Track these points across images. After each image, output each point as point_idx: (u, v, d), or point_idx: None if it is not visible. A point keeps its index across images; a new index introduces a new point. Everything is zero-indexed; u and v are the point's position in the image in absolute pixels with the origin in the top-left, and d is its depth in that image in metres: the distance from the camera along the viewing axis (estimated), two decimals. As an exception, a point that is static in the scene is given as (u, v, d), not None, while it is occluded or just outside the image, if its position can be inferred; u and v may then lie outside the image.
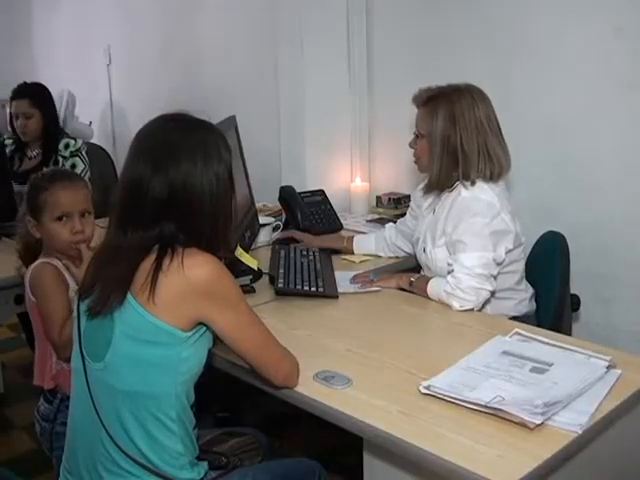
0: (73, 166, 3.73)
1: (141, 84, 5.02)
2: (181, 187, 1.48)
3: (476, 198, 2.20)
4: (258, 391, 1.72)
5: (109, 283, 1.48)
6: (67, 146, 3.74)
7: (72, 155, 3.72)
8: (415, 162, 2.38)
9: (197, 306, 1.47)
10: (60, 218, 1.97)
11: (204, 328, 1.52)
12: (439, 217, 2.31)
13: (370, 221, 3.17)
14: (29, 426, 3.13)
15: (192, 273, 1.45)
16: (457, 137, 2.21)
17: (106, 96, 5.21)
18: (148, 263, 1.46)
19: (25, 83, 3.74)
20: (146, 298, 1.44)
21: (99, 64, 5.35)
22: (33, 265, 1.99)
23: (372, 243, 2.69)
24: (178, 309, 1.46)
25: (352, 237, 2.74)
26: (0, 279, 2.62)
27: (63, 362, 1.95)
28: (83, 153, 3.72)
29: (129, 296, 1.45)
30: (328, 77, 3.37)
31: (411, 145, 2.36)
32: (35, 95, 3.69)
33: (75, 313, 1.59)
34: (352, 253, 2.69)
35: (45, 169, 3.25)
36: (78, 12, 5.67)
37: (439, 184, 2.30)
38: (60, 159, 3.69)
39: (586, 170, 2.73)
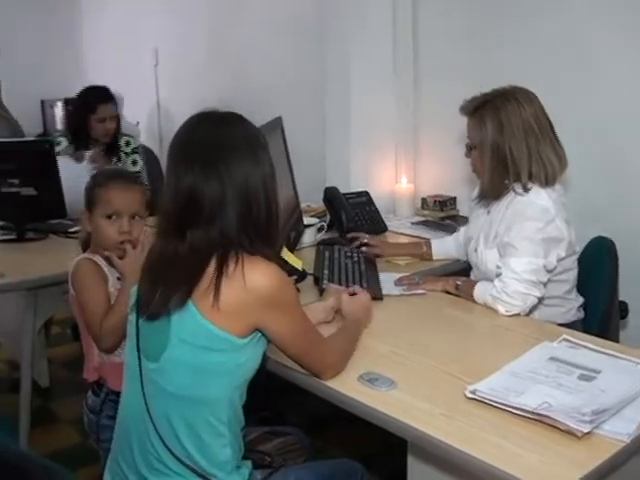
0: (134, 162, 3.82)
1: (188, 85, 5.07)
2: (235, 186, 1.49)
3: (531, 202, 2.17)
4: (299, 391, 1.73)
5: (170, 287, 1.48)
6: (128, 143, 3.83)
7: (133, 152, 3.81)
8: (473, 171, 2.37)
9: (256, 314, 1.49)
10: (110, 216, 2.00)
11: (259, 334, 1.54)
12: (494, 218, 2.29)
13: (415, 223, 3.16)
14: (74, 420, 3.20)
15: (254, 282, 1.46)
16: (506, 144, 2.18)
17: (153, 97, 5.27)
18: (210, 269, 1.46)
19: (104, 87, 3.77)
20: (206, 305, 1.45)
21: (146, 65, 5.42)
22: (75, 260, 2.03)
23: (452, 247, 2.64)
24: (237, 317, 1.47)
25: (429, 242, 2.70)
26: (50, 275, 2.68)
27: (104, 355, 1.99)
28: (140, 151, 3.81)
29: (189, 302, 1.46)
30: (374, 77, 3.36)
31: (466, 156, 2.35)
32: (114, 97, 3.77)
33: (130, 310, 1.61)
34: (431, 259, 2.65)
35: (108, 167, 3.33)
36: (126, 13, 5.75)
37: (492, 192, 2.28)
38: (122, 155, 3.76)
39: (634, 173, 2.68)
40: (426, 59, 3.40)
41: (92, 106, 3.65)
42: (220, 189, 1.48)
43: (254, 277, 1.46)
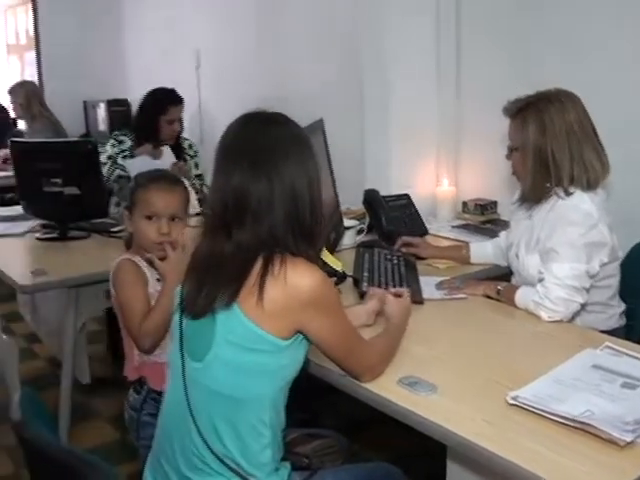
0: (197, 165, 3.84)
1: (229, 86, 5.10)
2: (283, 186, 1.50)
3: (574, 207, 2.15)
4: (335, 392, 1.73)
5: (217, 286, 1.49)
6: (190, 146, 3.86)
7: (195, 154, 3.84)
8: (513, 174, 2.35)
9: (299, 316, 1.49)
10: (149, 217, 2.02)
11: (301, 335, 1.54)
12: (536, 223, 2.27)
13: (455, 227, 3.14)
14: (114, 417, 3.25)
15: (296, 283, 1.47)
16: (548, 147, 2.17)
17: (195, 99, 5.30)
18: (255, 269, 1.47)
19: (173, 89, 3.79)
20: (250, 306, 1.46)
21: (188, 67, 5.46)
22: (116, 261, 2.05)
23: (490, 252, 2.62)
24: (281, 319, 1.48)
25: (468, 246, 2.68)
26: (92, 274, 2.73)
27: (144, 355, 2.00)
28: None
29: (234, 303, 1.47)
30: (415, 78, 3.35)
31: (507, 158, 2.33)
32: (183, 100, 3.79)
33: (175, 310, 1.62)
34: (469, 263, 2.64)
35: (155, 169, 3.35)
36: (168, 15, 5.81)
37: (533, 196, 2.27)
38: (187, 158, 3.79)
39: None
40: (468, 60, 3.38)
41: (163, 107, 3.66)
42: (269, 188, 1.49)
43: (297, 278, 1.47)
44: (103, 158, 3.58)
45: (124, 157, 3.63)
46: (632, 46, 2.73)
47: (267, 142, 1.53)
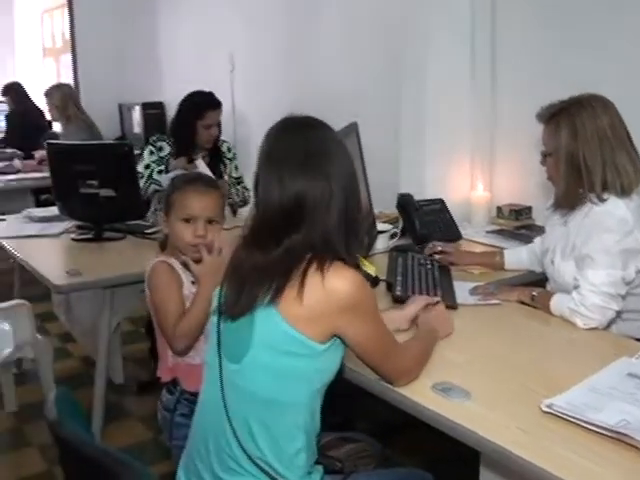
0: (236, 168, 3.85)
1: (263, 90, 5.12)
2: (338, 188, 1.51)
3: (609, 213, 2.12)
4: (367, 396, 1.73)
5: (259, 285, 1.50)
6: (229, 149, 3.86)
7: (234, 157, 3.85)
8: (548, 179, 2.33)
9: (337, 320, 1.49)
10: (186, 220, 2.02)
11: (338, 340, 1.54)
12: (571, 230, 2.25)
13: (490, 232, 3.11)
14: (146, 417, 3.27)
15: (335, 288, 1.47)
16: (580, 152, 2.15)
17: (228, 102, 5.32)
18: (297, 273, 1.48)
19: (210, 92, 3.76)
20: (289, 309, 1.47)
21: (222, 70, 5.49)
22: (151, 262, 2.07)
23: (525, 258, 2.60)
24: (318, 322, 1.48)
25: (502, 252, 2.66)
26: (126, 275, 2.75)
27: (178, 356, 2.01)
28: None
29: (272, 306, 1.48)
30: (450, 83, 3.34)
31: (542, 163, 2.31)
32: (221, 104, 3.77)
33: (213, 312, 1.63)
34: (503, 269, 2.61)
35: (191, 171, 3.36)
36: (202, 19, 5.85)
37: (567, 201, 2.25)
38: (227, 162, 3.80)
39: None
40: (504, 65, 3.36)
41: (200, 112, 3.62)
42: (322, 192, 1.50)
43: (335, 282, 1.47)
44: (140, 167, 3.58)
45: (159, 171, 3.62)
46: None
47: (314, 146, 1.55)
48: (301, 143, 1.55)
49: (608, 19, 2.90)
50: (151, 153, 3.66)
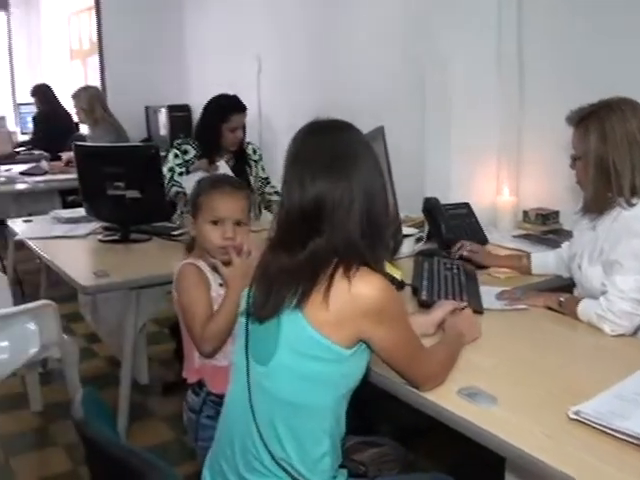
0: (263, 169, 3.86)
1: (289, 92, 5.13)
2: (360, 192, 1.51)
3: (638, 218, 2.10)
4: (390, 400, 1.72)
5: (287, 288, 1.50)
6: (255, 151, 3.86)
7: (260, 158, 3.86)
8: (577, 183, 2.31)
9: (363, 326, 1.49)
10: (214, 222, 2.03)
11: (364, 344, 1.54)
12: (599, 234, 2.22)
13: (516, 237, 3.09)
14: (170, 417, 3.28)
15: (362, 293, 1.47)
16: (609, 156, 2.13)
17: (255, 104, 5.34)
18: (324, 277, 1.47)
19: (235, 96, 3.78)
20: (315, 314, 1.47)
21: (249, 72, 5.51)
22: (179, 264, 2.07)
23: (552, 262, 2.57)
24: (344, 328, 1.48)
25: (529, 255, 2.64)
26: (152, 276, 2.77)
27: (205, 358, 2.01)
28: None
29: (299, 310, 1.48)
30: (476, 86, 3.32)
31: (571, 167, 2.29)
32: (245, 107, 3.78)
33: (243, 308, 1.63)
34: (529, 273, 2.59)
35: (216, 173, 3.37)
36: (229, 21, 5.87)
37: (595, 206, 2.23)
38: (252, 164, 3.81)
39: None
40: (531, 68, 3.33)
41: (226, 115, 3.64)
42: (347, 194, 1.50)
43: (362, 287, 1.47)
44: (164, 169, 3.60)
45: (180, 173, 3.64)
46: None
47: (340, 148, 1.54)
48: (327, 145, 1.55)
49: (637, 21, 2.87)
50: (176, 156, 3.68)
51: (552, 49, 3.24)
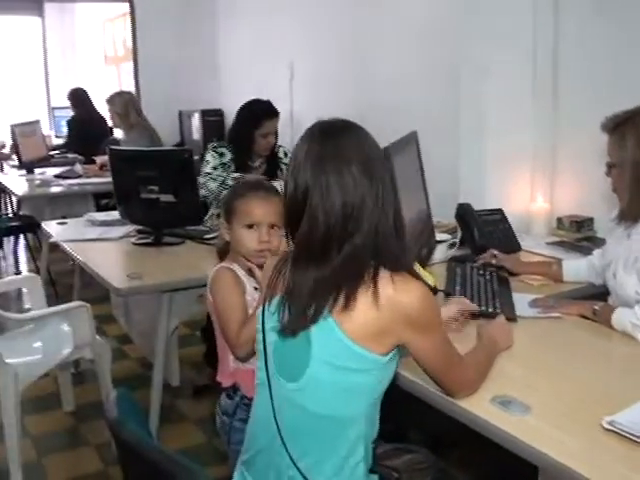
0: None
1: (322, 98, 5.13)
2: (384, 197, 1.50)
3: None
4: (421, 407, 1.71)
5: (324, 297, 1.47)
6: (286, 154, 3.85)
7: None
8: (614, 191, 2.29)
9: (402, 332, 1.48)
10: (250, 226, 2.04)
11: (397, 348, 1.53)
12: (634, 243, 2.20)
13: (550, 244, 3.06)
14: (201, 420, 3.30)
15: (402, 301, 1.45)
16: None
17: (287, 110, 5.35)
18: (366, 280, 1.46)
19: (268, 101, 3.78)
20: (348, 323, 1.45)
21: (282, 79, 5.52)
22: (214, 268, 2.08)
23: (584, 270, 2.55)
24: (382, 336, 1.47)
25: (560, 262, 2.61)
26: (185, 279, 2.79)
27: (239, 362, 2.01)
28: None
29: (331, 320, 1.46)
30: (511, 92, 3.30)
31: (607, 174, 2.27)
32: (278, 113, 3.79)
33: (260, 325, 1.61)
34: (561, 280, 2.56)
35: (248, 177, 3.38)
36: (262, 27, 5.90)
37: (631, 214, 2.20)
38: (284, 167, 3.82)
39: None
40: (566, 75, 3.31)
41: (259, 121, 3.64)
42: (383, 196, 1.49)
43: (405, 295, 1.46)
44: (208, 169, 3.63)
45: (218, 175, 3.66)
46: None
47: (369, 148, 1.53)
48: (355, 145, 1.51)
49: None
50: (213, 157, 3.70)
51: (587, 57, 3.20)
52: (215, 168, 3.64)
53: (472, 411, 1.60)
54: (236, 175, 3.51)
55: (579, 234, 3.14)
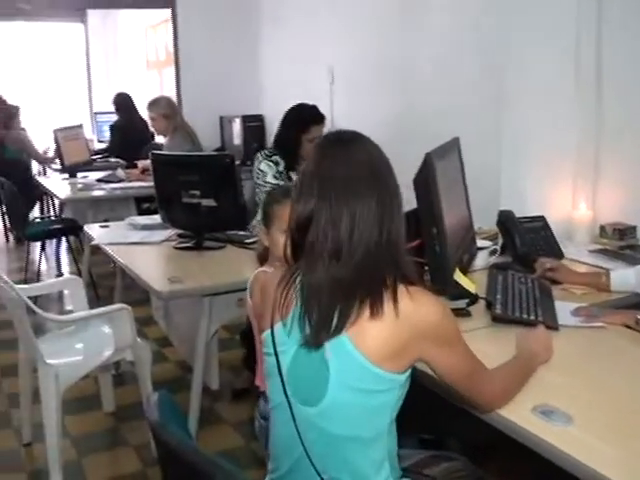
0: None
1: (361, 103, 5.14)
2: (397, 204, 1.51)
3: None
4: (461, 415, 1.69)
5: (332, 304, 1.45)
6: None
7: None
8: None
9: (421, 348, 1.47)
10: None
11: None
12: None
13: (592, 251, 3.02)
14: (239, 423, 3.31)
15: (421, 314, 1.45)
16: None
17: (327, 114, 5.32)
18: (379, 293, 1.44)
19: (314, 106, 3.81)
20: (365, 342, 1.43)
21: (322, 83, 5.53)
22: (254, 273, 2.09)
23: (632, 280, 2.48)
24: (401, 354, 1.45)
25: (608, 272, 2.55)
26: (226, 283, 2.81)
27: None
28: None
29: (345, 339, 1.44)
30: (554, 97, 3.26)
31: None
32: (325, 118, 3.82)
33: (270, 349, 1.58)
34: (608, 290, 2.50)
35: (286, 183, 3.39)
36: (303, 33, 5.92)
37: None
38: None
39: None
40: (610, 78, 3.26)
41: (306, 126, 3.68)
42: (386, 208, 1.49)
43: (419, 308, 1.45)
44: (269, 178, 3.65)
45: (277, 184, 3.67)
46: None
47: (380, 159, 1.54)
48: (366, 157, 1.53)
49: None
50: (269, 167, 3.71)
51: (631, 60, 3.15)
52: (275, 177, 3.65)
53: (512, 419, 1.58)
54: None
55: (622, 242, 3.09)
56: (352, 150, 1.53)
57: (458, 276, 2.15)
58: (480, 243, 2.79)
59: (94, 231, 3.84)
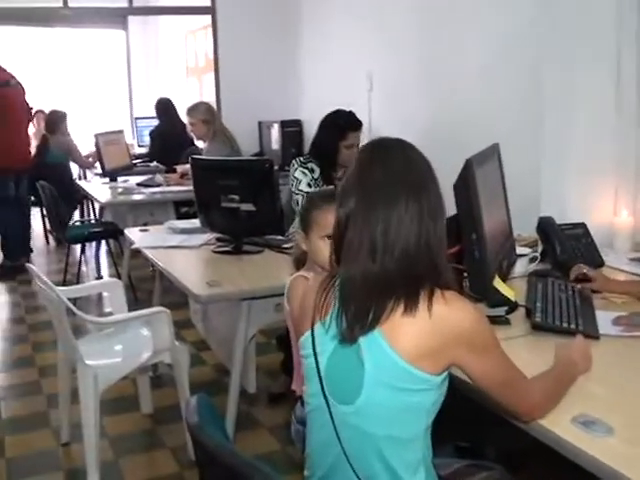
0: None
1: (400, 110, 5.13)
2: (439, 208, 1.52)
3: None
4: (497, 423, 1.68)
5: (367, 299, 1.47)
6: None
7: None
8: None
9: (456, 353, 1.47)
10: (328, 237, 2.04)
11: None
12: None
13: (633, 259, 2.97)
14: (276, 427, 3.32)
15: (456, 319, 1.45)
16: None
17: (366, 121, 5.34)
18: (416, 290, 1.45)
19: (351, 112, 3.82)
20: (402, 344, 1.44)
21: (361, 90, 5.54)
22: (292, 277, 2.10)
23: None
24: (436, 357, 1.46)
25: None
26: (264, 288, 2.83)
27: None
28: None
29: (378, 336, 1.45)
30: (596, 102, 3.22)
31: None
32: (362, 124, 3.83)
33: (310, 350, 1.60)
34: None
35: (326, 188, 3.40)
36: (342, 39, 5.93)
37: None
38: None
39: None
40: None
41: (344, 133, 3.69)
42: (431, 214, 1.50)
43: (455, 316, 1.45)
44: (303, 186, 3.67)
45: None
46: None
47: (416, 166, 1.55)
48: (408, 163, 1.56)
49: None
50: (304, 174, 3.73)
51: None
52: (310, 185, 3.66)
53: (551, 429, 1.56)
54: None
55: (664, 250, 3.04)
56: (392, 156, 1.56)
57: (497, 283, 2.14)
58: (519, 250, 2.77)
59: (134, 235, 3.88)
